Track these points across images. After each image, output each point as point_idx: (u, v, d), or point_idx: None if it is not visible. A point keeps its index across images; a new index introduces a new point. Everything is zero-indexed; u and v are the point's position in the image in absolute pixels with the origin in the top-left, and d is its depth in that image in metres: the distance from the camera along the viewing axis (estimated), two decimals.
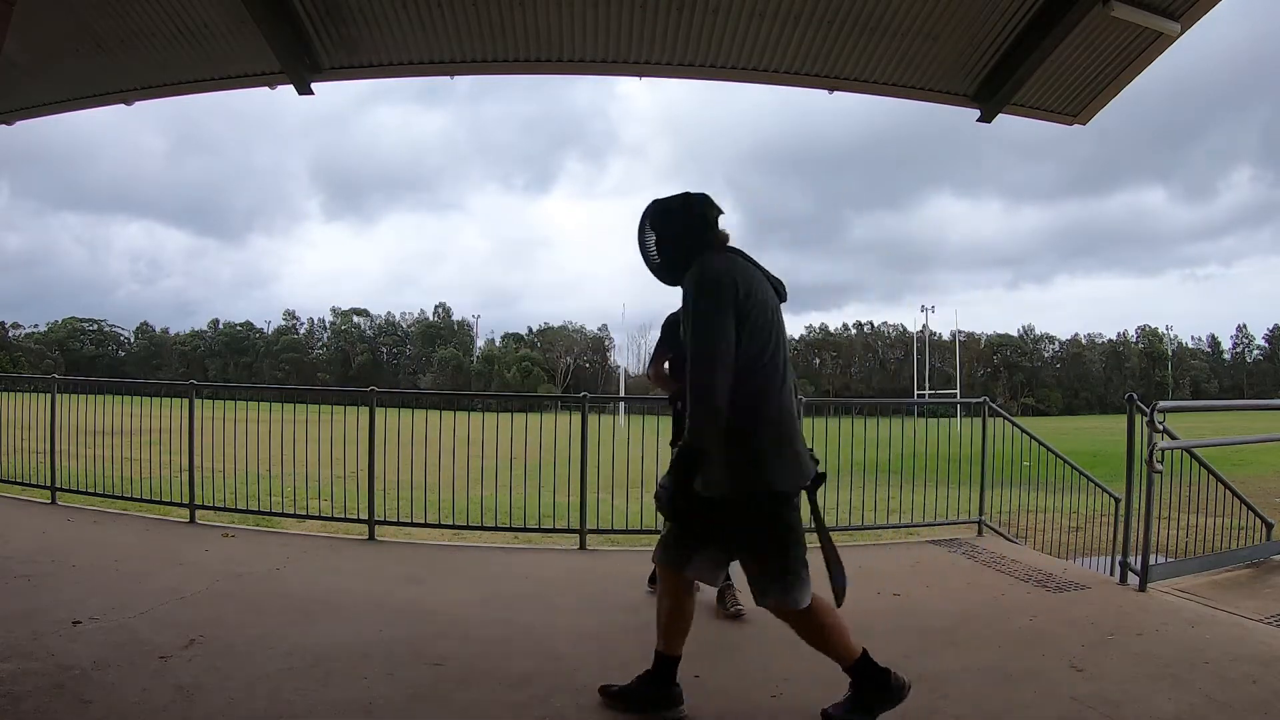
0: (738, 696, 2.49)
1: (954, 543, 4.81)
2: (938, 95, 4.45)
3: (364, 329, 74.23)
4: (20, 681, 2.36)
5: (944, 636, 3.04)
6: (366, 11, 3.83)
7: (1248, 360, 73.72)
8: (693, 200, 2.30)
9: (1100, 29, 3.77)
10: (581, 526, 4.67)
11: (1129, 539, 3.81)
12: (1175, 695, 2.45)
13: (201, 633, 2.85)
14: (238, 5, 3.63)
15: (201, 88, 4.43)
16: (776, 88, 4.47)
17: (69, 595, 3.24)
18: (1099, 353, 72.61)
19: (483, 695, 2.32)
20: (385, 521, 4.87)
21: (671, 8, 3.80)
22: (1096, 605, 3.47)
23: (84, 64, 4.20)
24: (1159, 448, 3.68)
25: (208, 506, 5.25)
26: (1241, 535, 5.01)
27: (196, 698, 2.33)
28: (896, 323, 72.64)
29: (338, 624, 3.05)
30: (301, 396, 7.47)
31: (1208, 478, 4.51)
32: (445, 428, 5.52)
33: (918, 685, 2.53)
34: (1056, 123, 4.59)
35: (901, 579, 3.93)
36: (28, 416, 5.91)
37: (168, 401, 5.99)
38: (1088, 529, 6.30)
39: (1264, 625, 3.16)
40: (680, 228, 2.28)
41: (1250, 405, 7.32)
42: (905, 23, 3.86)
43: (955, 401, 13.87)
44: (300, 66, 4.08)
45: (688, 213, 2.29)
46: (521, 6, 3.80)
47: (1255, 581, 3.95)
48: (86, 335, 68.84)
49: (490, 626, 3.06)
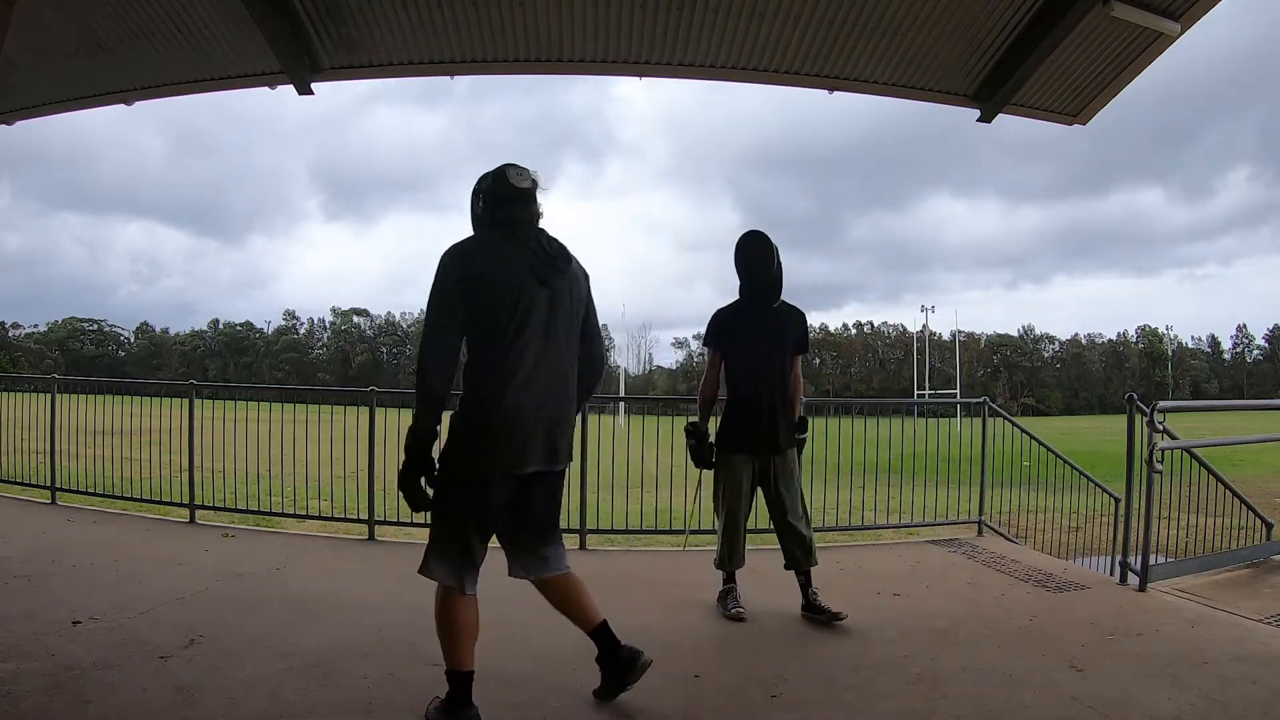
0: (738, 696, 2.48)
1: (954, 543, 4.81)
2: (938, 95, 4.45)
3: (364, 329, 74.26)
4: (20, 681, 2.36)
5: (944, 636, 3.04)
6: (366, 11, 3.83)
7: (1248, 360, 73.75)
8: (481, 180, 2.24)
9: (1100, 29, 3.77)
10: (581, 526, 4.67)
11: (1129, 539, 3.81)
12: (1175, 695, 2.44)
13: (201, 633, 2.85)
14: (238, 5, 3.62)
15: (201, 88, 4.43)
16: (776, 88, 4.47)
17: (69, 595, 3.24)
18: (1099, 353, 72.64)
19: (482, 695, 2.32)
20: (385, 521, 4.87)
21: (671, 8, 3.80)
22: (1096, 605, 3.47)
23: (84, 64, 4.20)
24: (1159, 448, 3.68)
25: (208, 506, 5.24)
26: (1241, 535, 5.01)
27: (196, 698, 2.32)
28: (896, 323, 72.84)
29: (338, 624, 3.05)
30: (301, 396, 7.45)
31: (1208, 478, 4.51)
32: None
33: (918, 685, 2.54)
34: (1056, 123, 4.59)
35: (901, 579, 3.93)
36: (28, 416, 5.91)
37: (168, 401, 5.99)
38: (1088, 529, 6.30)
39: (1264, 625, 3.16)
40: (472, 209, 2.25)
41: (1250, 405, 7.33)
42: (905, 23, 3.86)
43: (955, 401, 13.88)
44: (300, 66, 4.08)
45: (474, 194, 2.24)
46: (521, 6, 3.80)
47: (1255, 581, 3.95)
48: (86, 335, 68.85)
49: (489, 627, 3.03)
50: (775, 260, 3.29)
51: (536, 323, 2.10)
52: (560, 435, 2.18)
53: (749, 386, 3.28)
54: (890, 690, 2.52)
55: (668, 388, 69.40)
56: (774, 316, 3.32)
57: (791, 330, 3.33)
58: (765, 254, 3.27)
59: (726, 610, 3.26)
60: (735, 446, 3.28)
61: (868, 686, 2.55)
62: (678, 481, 5.32)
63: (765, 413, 3.25)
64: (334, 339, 73.26)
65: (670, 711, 2.37)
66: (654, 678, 2.59)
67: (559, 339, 2.15)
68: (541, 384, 2.11)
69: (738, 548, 3.31)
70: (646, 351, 77.05)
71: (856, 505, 5.21)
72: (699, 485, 3.51)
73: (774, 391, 3.27)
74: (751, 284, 3.32)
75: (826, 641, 3.00)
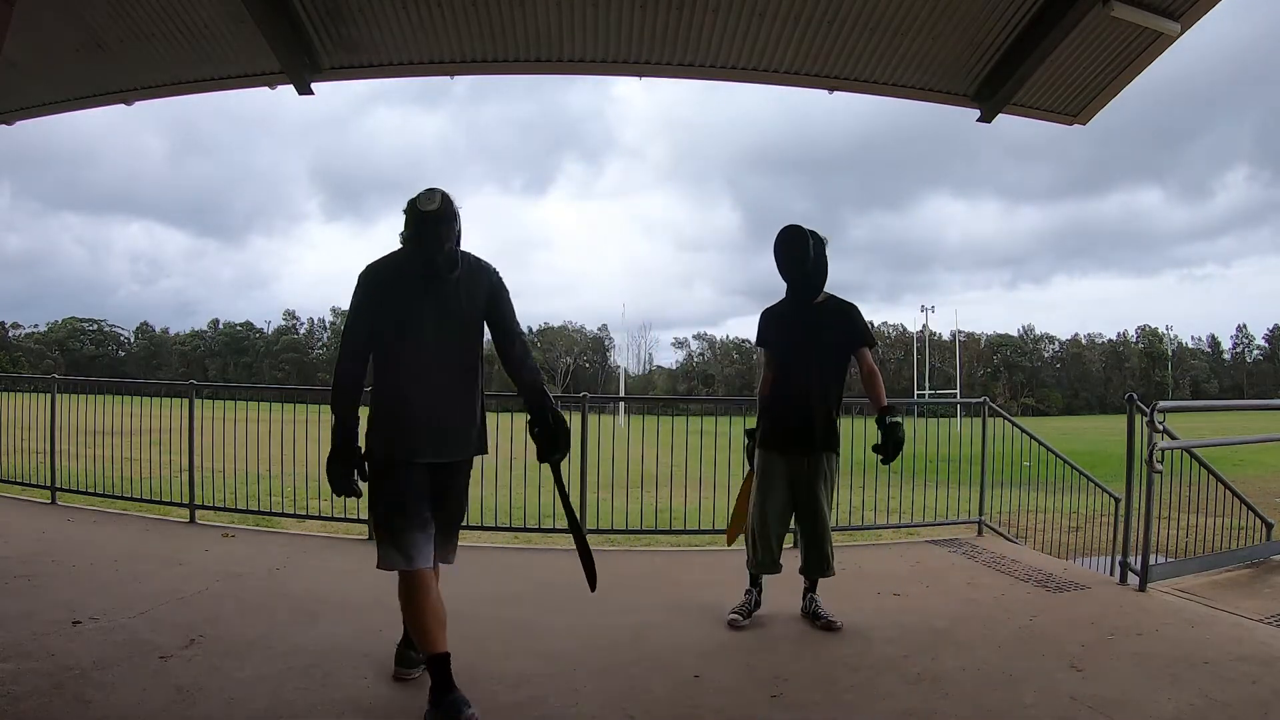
0: (738, 696, 2.48)
1: (954, 543, 4.81)
2: (938, 95, 4.45)
3: None
4: (20, 681, 2.36)
5: (944, 636, 3.04)
6: (366, 11, 3.82)
7: (1248, 360, 73.67)
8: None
9: (1100, 29, 3.77)
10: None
11: (1129, 539, 3.81)
12: (1175, 695, 2.44)
13: (201, 633, 2.85)
14: (238, 5, 3.62)
15: (201, 88, 4.42)
16: (776, 88, 4.47)
17: (69, 595, 3.24)
18: (1099, 353, 72.61)
19: (483, 695, 2.32)
20: None
21: (671, 7, 3.79)
22: (1096, 605, 3.47)
23: (84, 64, 4.20)
24: (1159, 448, 3.68)
25: (208, 506, 5.24)
26: (1241, 535, 5.01)
27: (196, 698, 2.33)
28: (896, 322, 72.69)
29: (338, 624, 3.05)
30: (301, 396, 7.45)
31: (1208, 478, 4.51)
32: None
33: (918, 685, 2.54)
34: (1057, 123, 4.58)
35: (901, 579, 3.93)
36: (28, 416, 5.91)
37: (168, 401, 5.98)
38: (1088, 529, 6.30)
39: (1264, 625, 3.16)
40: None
41: (1250, 405, 7.33)
42: (905, 23, 3.86)
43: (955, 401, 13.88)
44: (300, 66, 4.08)
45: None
46: (521, 6, 3.80)
47: (1255, 581, 3.95)
48: (86, 335, 68.80)
49: (490, 626, 3.05)
50: (809, 256, 3.19)
51: (423, 328, 2.34)
52: (449, 428, 2.37)
53: (782, 384, 3.25)
54: (890, 690, 2.52)
55: (667, 388, 69.40)
56: (814, 313, 3.25)
57: (835, 326, 3.23)
58: (799, 250, 3.19)
59: (729, 613, 3.22)
60: (768, 444, 3.25)
61: (868, 686, 2.55)
62: (678, 481, 5.33)
63: (795, 410, 3.19)
64: (334, 339, 73.15)
65: (670, 711, 2.37)
66: (654, 678, 2.60)
67: (448, 340, 2.37)
68: (429, 381, 2.33)
69: (759, 550, 3.22)
70: (646, 351, 77.05)
71: (856, 505, 5.21)
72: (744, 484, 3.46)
73: (809, 390, 3.19)
74: (788, 281, 3.28)
75: (826, 641, 3.00)
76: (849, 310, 3.27)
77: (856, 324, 3.26)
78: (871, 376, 3.22)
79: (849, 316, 3.26)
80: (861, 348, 3.25)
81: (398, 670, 2.55)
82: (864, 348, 3.25)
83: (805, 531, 3.25)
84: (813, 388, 3.21)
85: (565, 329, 73.59)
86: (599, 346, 73.91)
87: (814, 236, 3.22)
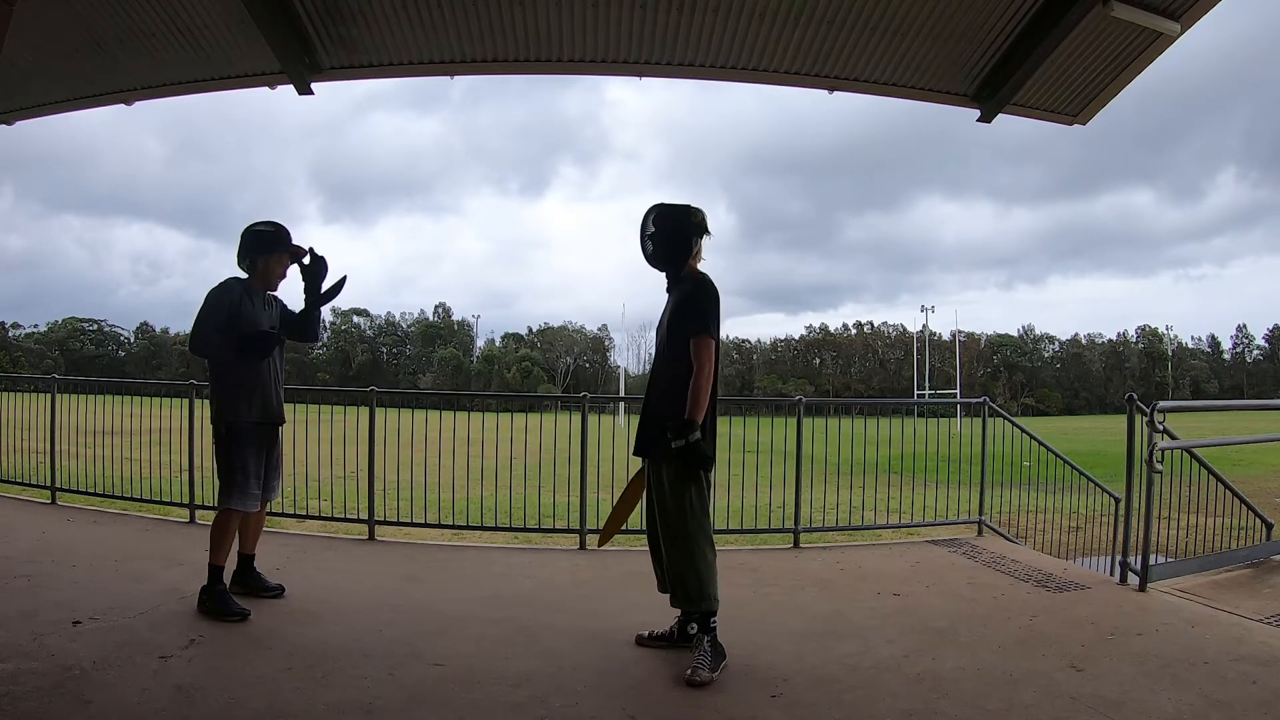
0: (738, 696, 2.48)
1: (954, 543, 4.81)
2: (938, 95, 4.45)
3: (364, 329, 74.22)
4: (20, 681, 2.36)
5: (944, 636, 3.04)
6: (366, 11, 3.83)
7: (1248, 360, 73.66)
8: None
9: (1100, 29, 3.77)
10: (581, 526, 4.67)
11: (1129, 539, 3.81)
12: (1175, 695, 2.45)
13: (201, 633, 2.85)
14: (238, 5, 3.62)
15: (201, 88, 4.42)
16: (773, 88, 4.47)
17: (69, 595, 3.24)
18: (1099, 353, 72.59)
19: (483, 695, 2.32)
20: (385, 521, 4.87)
21: (670, 7, 3.79)
22: (1096, 605, 3.47)
23: (84, 64, 4.20)
24: (1159, 448, 3.68)
25: (208, 507, 5.22)
26: (1241, 535, 5.01)
27: (196, 698, 2.33)
28: (896, 323, 72.75)
29: (338, 624, 3.05)
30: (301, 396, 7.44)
31: (1208, 478, 4.51)
32: (445, 428, 5.52)
33: (918, 685, 2.54)
34: (1057, 123, 4.58)
35: (901, 579, 3.93)
36: (28, 416, 5.91)
37: (167, 401, 5.99)
38: (1088, 529, 6.31)
39: (1264, 625, 3.16)
40: None
41: (1250, 405, 7.33)
42: (905, 23, 3.86)
43: (955, 401, 13.87)
44: (300, 66, 4.08)
45: None
46: (520, 6, 3.80)
47: (1255, 581, 3.95)
48: (86, 335, 68.80)
49: (490, 626, 3.06)
50: (646, 230, 2.78)
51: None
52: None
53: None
54: (890, 690, 2.52)
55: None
56: (671, 297, 2.83)
57: (674, 309, 2.76)
58: (642, 229, 2.82)
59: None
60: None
61: (868, 686, 2.55)
62: None
63: (643, 410, 2.80)
64: (334, 339, 73.13)
65: (670, 711, 2.37)
66: (653, 678, 2.60)
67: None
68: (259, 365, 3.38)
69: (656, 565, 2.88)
70: (646, 351, 77.02)
71: (856, 505, 5.21)
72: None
73: (653, 386, 2.80)
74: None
75: (826, 641, 3.00)
76: (690, 290, 2.73)
77: (689, 306, 2.70)
78: (694, 373, 2.63)
79: (688, 298, 2.72)
80: (690, 337, 2.66)
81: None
82: (693, 337, 2.66)
83: (656, 547, 2.84)
84: (654, 383, 2.80)
85: (565, 329, 73.63)
86: (599, 346, 73.92)
87: (660, 209, 2.81)
